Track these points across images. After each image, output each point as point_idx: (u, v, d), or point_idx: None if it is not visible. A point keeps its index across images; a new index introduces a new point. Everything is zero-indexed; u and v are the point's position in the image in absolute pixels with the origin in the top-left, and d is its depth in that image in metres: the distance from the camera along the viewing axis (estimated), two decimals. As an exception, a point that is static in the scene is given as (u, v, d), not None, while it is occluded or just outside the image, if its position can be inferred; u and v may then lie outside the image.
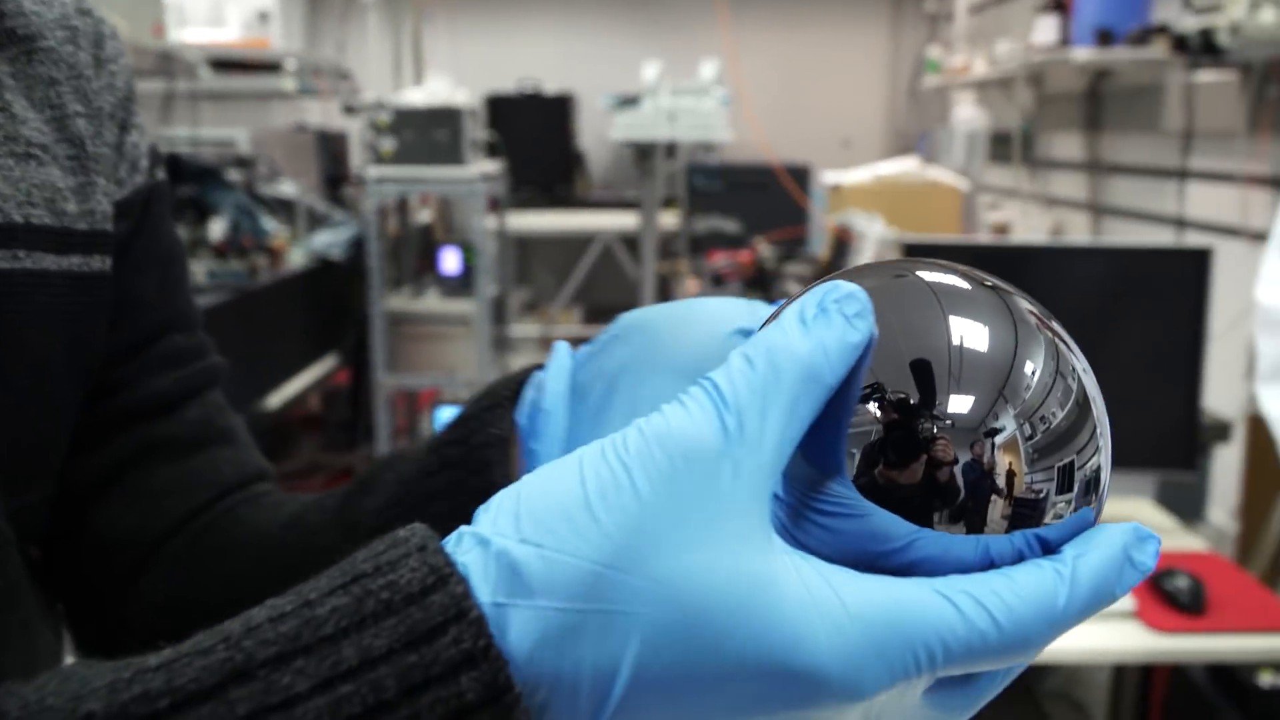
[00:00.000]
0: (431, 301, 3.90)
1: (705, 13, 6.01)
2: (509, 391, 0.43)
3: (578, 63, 6.96)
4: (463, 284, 3.90)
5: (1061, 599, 0.27)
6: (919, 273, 0.30)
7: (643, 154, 2.85)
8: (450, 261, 3.90)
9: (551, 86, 6.90)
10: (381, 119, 3.64)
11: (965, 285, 0.30)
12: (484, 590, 0.24)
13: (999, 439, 0.28)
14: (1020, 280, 0.34)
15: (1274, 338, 1.21)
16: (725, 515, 0.25)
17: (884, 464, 0.28)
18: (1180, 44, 2.92)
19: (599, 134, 6.88)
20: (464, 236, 4.52)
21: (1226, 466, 2.36)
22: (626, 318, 0.41)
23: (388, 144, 3.63)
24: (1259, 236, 2.63)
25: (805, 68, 6.96)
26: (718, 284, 3.17)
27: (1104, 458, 0.30)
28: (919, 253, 1.69)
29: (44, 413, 0.45)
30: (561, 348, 0.42)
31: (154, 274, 0.51)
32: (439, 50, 5.95)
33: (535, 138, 6.46)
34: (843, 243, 2.79)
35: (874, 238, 2.61)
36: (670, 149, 3.26)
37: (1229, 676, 1.71)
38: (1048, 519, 0.28)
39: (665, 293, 3.72)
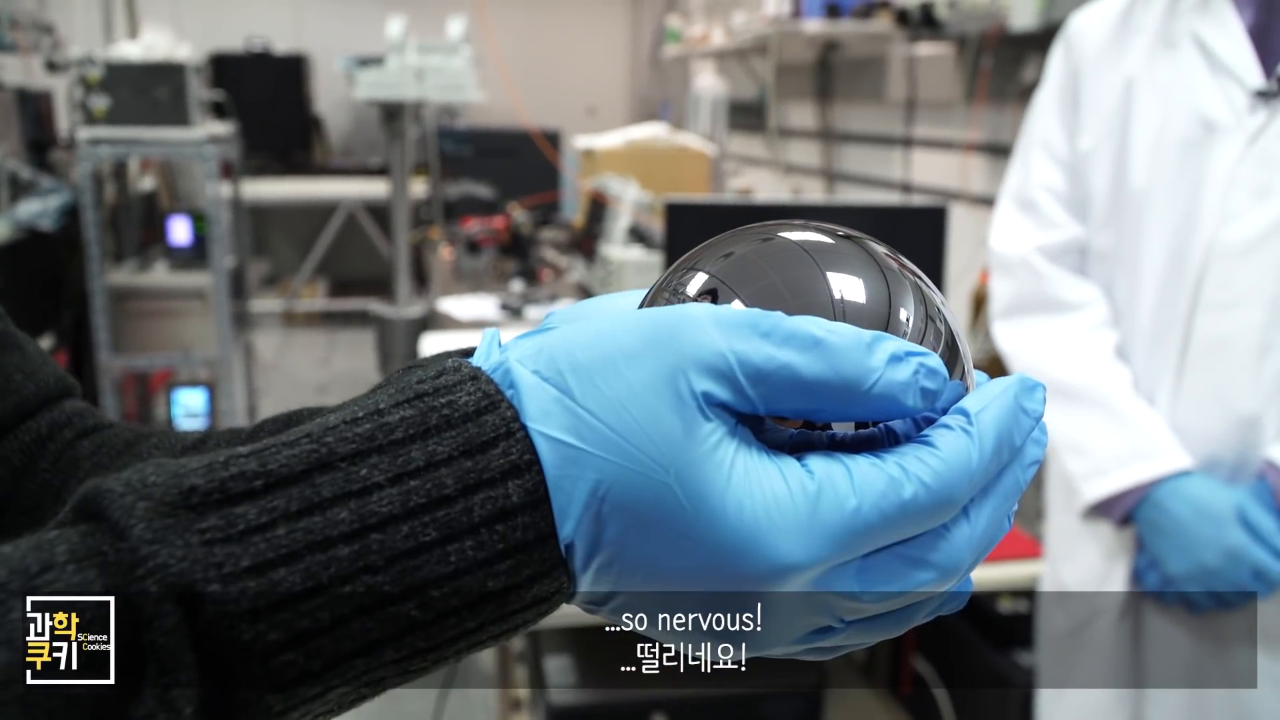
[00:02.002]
0: (160, 275, 3.61)
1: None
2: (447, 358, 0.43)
3: (311, 21, 6.62)
4: (195, 255, 3.63)
5: (975, 455, 0.30)
6: (783, 234, 0.32)
7: (390, 115, 2.74)
8: (180, 231, 3.61)
9: (282, 46, 6.53)
10: (92, 75, 3.31)
11: (830, 241, 0.32)
12: (528, 414, 0.29)
13: None
14: None
15: (1007, 279, 1.31)
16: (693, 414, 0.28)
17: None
18: (902, 18, 3.11)
19: (336, 98, 6.59)
20: (193, 204, 4.21)
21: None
22: (560, 310, 0.42)
23: (100, 103, 3.31)
24: (978, 200, 2.85)
25: (550, 34, 6.94)
26: (473, 250, 3.11)
27: (969, 376, 0.33)
28: (679, 212, 1.71)
29: None
30: (490, 333, 0.41)
31: None
32: (155, 4, 5.49)
33: (267, 101, 6.10)
34: (599, 206, 2.80)
35: (630, 200, 2.62)
36: (418, 110, 3.16)
37: (971, 603, 1.86)
38: None
39: (419, 261, 3.61)
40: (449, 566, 0.27)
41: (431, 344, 2.17)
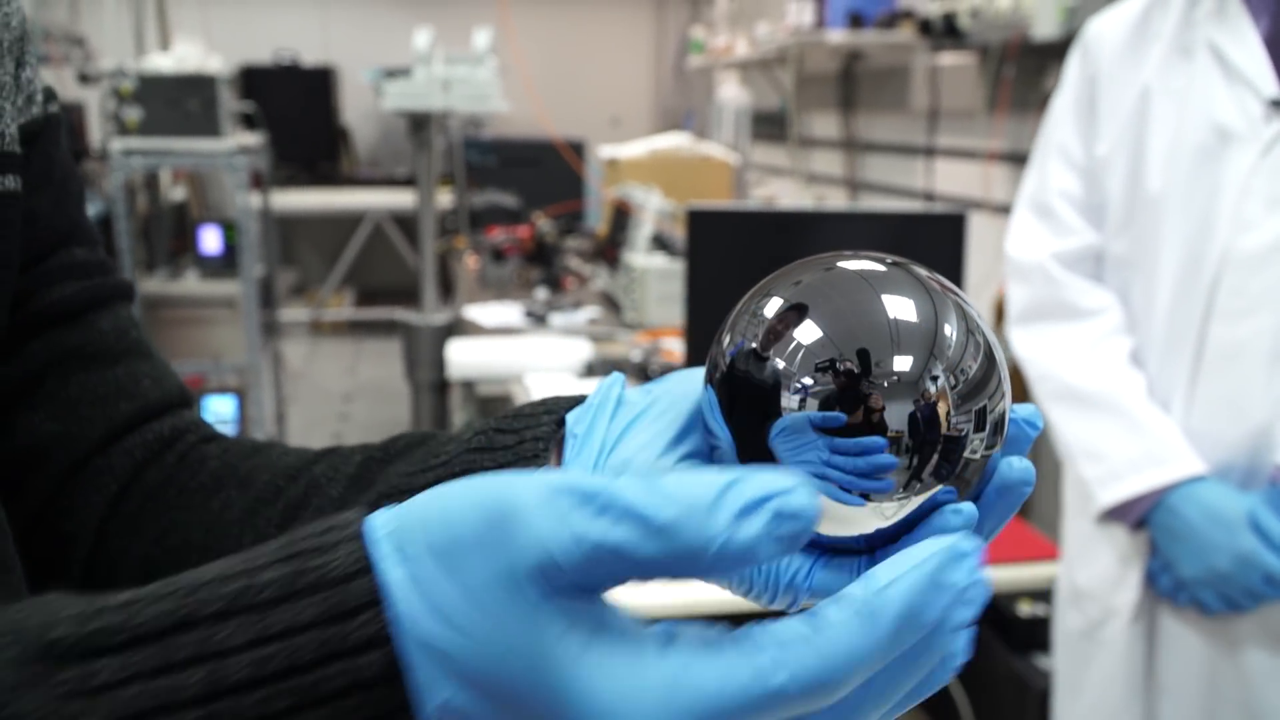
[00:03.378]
0: (191, 283, 3.67)
1: (471, -13, 5.91)
2: (565, 404, 0.45)
3: (338, 34, 6.70)
4: (225, 264, 3.69)
5: (867, 639, 0.28)
6: (842, 263, 0.36)
7: (416, 125, 2.78)
8: (210, 240, 3.67)
9: (310, 59, 6.61)
10: (125, 87, 3.38)
11: (882, 268, 0.36)
12: (397, 591, 0.28)
13: (933, 388, 0.34)
14: (796, 244, 0.38)
15: (1023, 285, 1.33)
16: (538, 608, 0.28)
17: (842, 425, 0.34)
18: (925, 27, 3.13)
19: (364, 109, 6.66)
20: (223, 214, 4.27)
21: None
22: (625, 387, 0.44)
23: (133, 114, 3.38)
24: (1000, 209, 2.86)
25: (574, 45, 6.99)
26: (498, 259, 3.14)
27: (1007, 401, 0.36)
28: (701, 219, 1.73)
29: None
30: (616, 376, 0.45)
31: (50, 192, 0.54)
32: (186, 16, 5.58)
33: (295, 112, 6.18)
34: (623, 214, 2.83)
35: (653, 209, 2.65)
36: (444, 120, 3.20)
37: (991, 606, 1.86)
38: (966, 452, 0.35)
39: (445, 270, 3.65)
40: None
41: (458, 350, 2.20)
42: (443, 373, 2.21)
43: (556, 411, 0.45)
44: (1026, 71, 2.82)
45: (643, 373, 2.05)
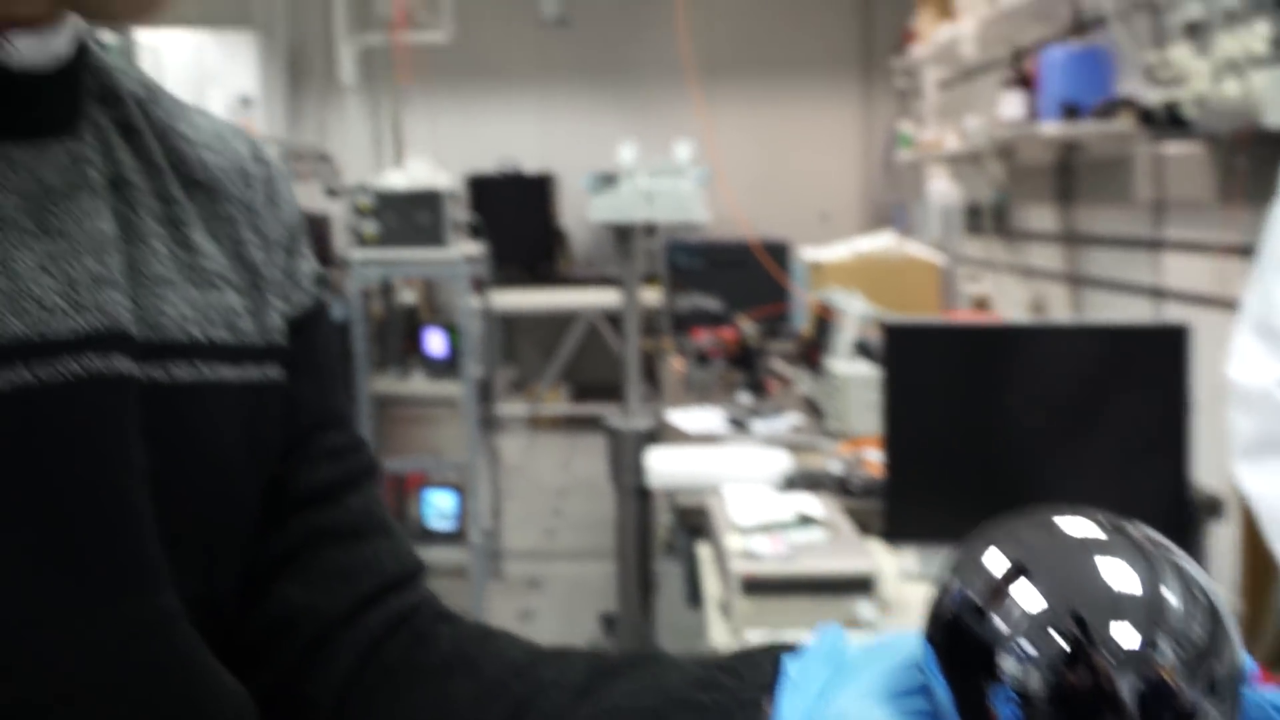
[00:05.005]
0: (418, 383, 3.90)
1: (680, 88, 6.11)
2: (785, 651, 0.48)
3: (556, 142, 7.05)
4: (449, 365, 3.90)
5: None
6: (1060, 522, 0.37)
7: (622, 234, 2.88)
8: (436, 343, 3.90)
9: (531, 166, 6.98)
10: (363, 202, 3.67)
11: (1101, 534, 0.36)
12: None
13: (1158, 659, 0.33)
14: (1004, 362, 0.39)
15: (1248, 414, 1.23)
16: None
17: (1065, 696, 0.34)
18: (1146, 117, 2.99)
19: (579, 212, 6.96)
20: (449, 317, 4.53)
21: (1223, 544, 2.34)
22: (835, 634, 0.46)
23: (370, 227, 3.66)
24: (1235, 306, 2.66)
25: (780, 143, 7.07)
26: (702, 362, 3.19)
27: (1237, 649, 0.35)
28: (901, 333, 1.70)
29: (227, 509, 0.53)
30: (835, 628, 0.46)
31: (312, 378, 0.59)
32: (418, 130, 6.03)
33: (516, 216, 6.53)
34: (824, 320, 2.81)
35: (855, 315, 2.63)
36: (649, 229, 3.31)
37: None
38: None
39: (651, 369, 3.73)
40: None
41: (657, 459, 2.23)
42: (643, 478, 2.25)
43: (777, 657, 0.47)
44: (1261, 161, 2.64)
45: (842, 487, 2.02)
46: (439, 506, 3.92)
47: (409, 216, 3.67)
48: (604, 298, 6.22)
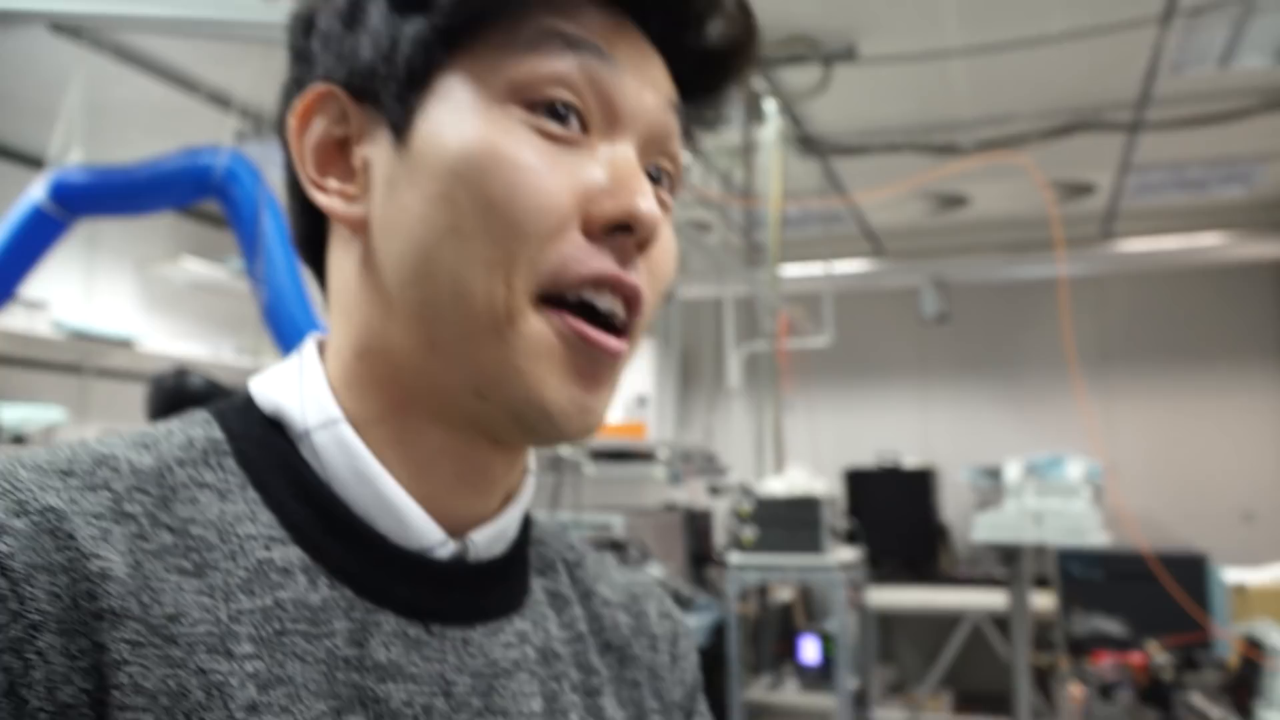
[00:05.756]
0: (790, 694, 3.82)
1: (1066, 380, 5.87)
2: None
3: (936, 435, 6.97)
4: (822, 675, 3.79)
5: None
6: None
7: (1008, 555, 2.74)
8: (810, 651, 3.83)
9: (911, 459, 6.91)
10: (744, 508, 3.78)
11: None
12: None
13: None
14: None
15: None
16: None
17: None
18: None
19: (961, 506, 6.73)
20: (823, 623, 4.45)
21: None
22: None
23: (749, 533, 3.74)
24: None
25: (1189, 437, 6.51)
26: (1105, 695, 2.86)
27: None
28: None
29: None
30: None
31: None
32: (798, 429, 6.19)
33: (896, 511, 6.41)
34: (1252, 663, 2.45)
35: (1292, 658, 2.27)
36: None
37: None
38: None
39: (1044, 688, 3.40)
40: None
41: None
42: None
43: None
44: None
45: None
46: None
47: (786, 523, 3.72)
48: (990, 599, 5.86)
